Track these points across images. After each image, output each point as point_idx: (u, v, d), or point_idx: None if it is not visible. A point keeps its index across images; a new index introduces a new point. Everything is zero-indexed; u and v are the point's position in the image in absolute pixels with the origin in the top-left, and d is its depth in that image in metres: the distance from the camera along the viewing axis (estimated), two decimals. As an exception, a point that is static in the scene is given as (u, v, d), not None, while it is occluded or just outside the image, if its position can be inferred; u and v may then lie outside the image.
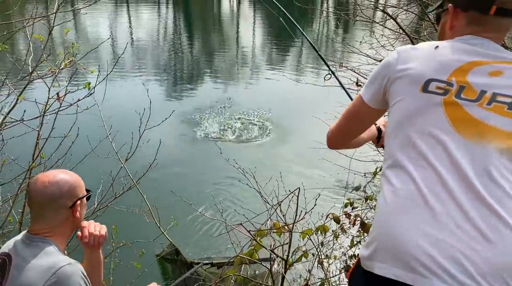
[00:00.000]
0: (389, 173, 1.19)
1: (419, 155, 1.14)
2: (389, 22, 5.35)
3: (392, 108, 1.26)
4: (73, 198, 1.52)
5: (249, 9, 27.56)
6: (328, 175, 5.23)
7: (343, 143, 1.55)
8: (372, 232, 1.17)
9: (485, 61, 1.19)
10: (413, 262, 1.03)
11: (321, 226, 3.03)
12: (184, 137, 8.07)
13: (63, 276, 1.38)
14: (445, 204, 1.06)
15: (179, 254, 4.07)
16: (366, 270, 1.15)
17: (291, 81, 11.38)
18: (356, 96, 1.41)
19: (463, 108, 1.14)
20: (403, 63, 1.25)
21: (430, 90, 1.17)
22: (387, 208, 1.14)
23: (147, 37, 15.99)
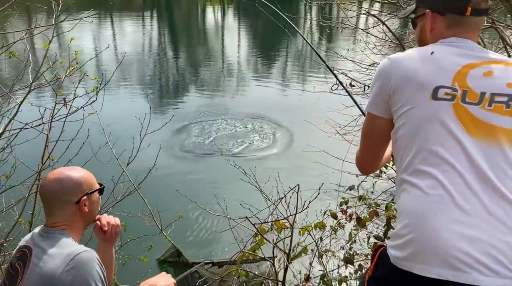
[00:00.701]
0: (412, 179, 1.24)
1: (441, 159, 1.20)
2: (373, 29, 5.56)
3: (402, 115, 1.30)
4: (78, 194, 1.56)
5: (234, 20, 27.84)
6: (322, 177, 5.37)
7: (376, 163, 1.56)
8: (404, 234, 1.21)
9: (476, 63, 1.28)
10: (453, 260, 1.11)
11: (319, 222, 3.16)
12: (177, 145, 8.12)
13: (81, 261, 1.44)
14: (473, 204, 1.15)
15: (181, 255, 4.11)
16: (402, 268, 1.20)
17: (279, 89, 11.56)
18: (366, 116, 1.46)
19: (470, 111, 1.23)
20: (401, 69, 1.31)
21: (440, 97, 1.24)
22: (419, 211, 1.19)
23: (131, 50, 16.03)
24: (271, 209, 2.87)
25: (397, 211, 1.32)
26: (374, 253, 1.37)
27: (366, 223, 3.11)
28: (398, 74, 1.30)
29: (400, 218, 1.27)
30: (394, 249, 1.24)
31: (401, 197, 1.28)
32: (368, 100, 1.41)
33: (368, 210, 3.54)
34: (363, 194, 3.91)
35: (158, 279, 1.82)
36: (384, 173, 4.11)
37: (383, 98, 1.35)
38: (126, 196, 3.61)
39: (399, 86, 1.30)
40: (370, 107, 1.40)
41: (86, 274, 1.43)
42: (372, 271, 1.36)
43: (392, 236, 1.29)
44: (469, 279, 1.10)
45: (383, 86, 1.34)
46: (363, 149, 1.51)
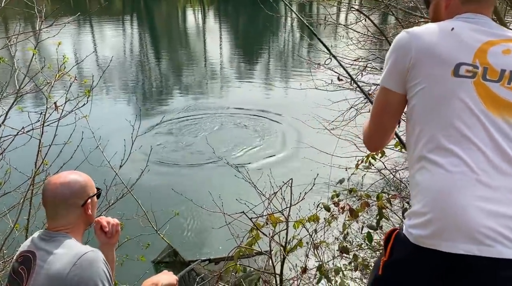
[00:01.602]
0: (433, 157, 1.24)
1: (463, 136, 1.21)
2: (356, 25, 5.65)
3: (420, 91, 1.29)
4: (84, 197, 1.60)
5: (215, 21, 27.80)
6: (313, 172, 5.45)
7: (386, 140, 1.53)
8: (426, 212, 1.22)
9: (496, 40, 1.28)
10: (478, 235, 1.14)
11: (313, 215, 3.22)
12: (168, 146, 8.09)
13: (87, 261, 1.46)
14: (495, 180, 1.18)
15: (177, 254, 4.12)
16: (425, 247, 1.21)
17: (265, 87, 11.61)
18: (379, 90, 1.42)
19: (490, 89, 1.23)
20: (422, 43, 1.28)
21: (461, 74, 1.24)
22: (442, 188, 1.21)
23: (113, 55, 15.84)
24: (266, 204, 2.91)
25: (413, 189, 1.31)
26: (388, 237, 1.36)
27: (359, 213, 3.18)
28: (418, 47, 1.27)
29: (418, 196, 1.27)
30: (415, 228, 1.24)
31: (420, 175, 1.27)
32: (383, 74, 1.37)
33: (359, 202, 3.62)
34: (353, 186, 3.99)
35: (161, 276, 1.86)
36: (373, 166, 4.20)
37: (400, 72, 1.32)
38: (120, 198, 3.61)
39: (419, 60, 1.27)
40: (385, 81, 1.36)
41: (93, 274, 1.45)
42: (388, 256, 1.34)
43: (411, 214, 1.28)
44: (493, 252, 1.14)
45: (401, 59, 1.31)
46: (374, 125, 1.47)
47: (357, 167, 4.10)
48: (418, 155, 1.29)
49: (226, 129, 8.89)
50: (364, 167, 4.08)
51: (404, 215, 1.38)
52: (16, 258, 1.57)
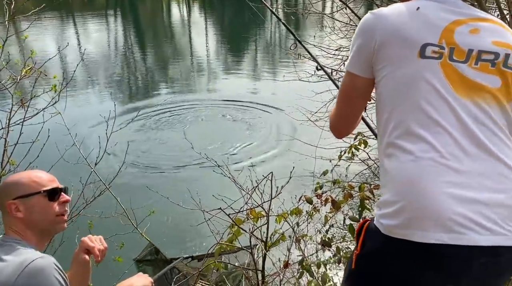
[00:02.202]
0: (402, 142, 1.19)
1: (431, 120, 1.17)
2: (338, 14, 5.59)
3: (389, 73, 1.24)
4: (8, 197, 1.48)
5: (200, 15, 27.55)
6: (295, 164, 5.41)
7: (352, 126, 1.50)
8: (396, 201, 1.18)
9: (463, 19, 1.24)
10: (449, 223, 1.10)
11: (295, 208, 3.16)
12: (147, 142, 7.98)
13: (35, 269, 1.34)
14: (464, 165, 1.14)
15: (159, 252, 4.06)
16: (397, 237, 1.16)
17: (249, 81, 11.53)
18: (344, 75, 1.37)
19: (457, 70, 1.19)
20: (387, 25, 1.24)
21: (427, 55, 1.19)
22: (411, 176, 1.16)
23: (96, 50, 15.62)
24: (246, 199, 2.84)
25: (383, 177, 1.27)
26: (360, 229, 1.31)
27: (341, 205, 3.12)
28: (383, 30, 1.23)
29: (388, 184, 1.23)
30: (385, 218, 1.19)
31: (389, 162, 1.23)
32: (349, 58, 1.32)
33: (343, 193, 3.57)
34: (338, 178, 3.94)
35: (135, 279, 1.76)
36: (357, 156, 4.15)
37: (365, 56, 1.28)
38: (97, 196, 3.52)
39: (384, 43, 1.23)
40: (351, 66, 1.32)
41: (41, 284, 1.33)
42: (360, 248, 1.30)
43: (381, 204, 1.24)
44: (465, 240, 1.10)
45: (366, 43, 1.27)
46: (340, 111, 1.44)
47: (340, 158, 4.05)
48: (386, 141, 1.24)
49: (207, 123, 8.81)
50: (348, 158, 4.03)
51: (374, 205, 1.31)
52: None
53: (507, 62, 1.23)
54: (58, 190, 1.57)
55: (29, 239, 1.48)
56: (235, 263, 3.30)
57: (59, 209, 1.58)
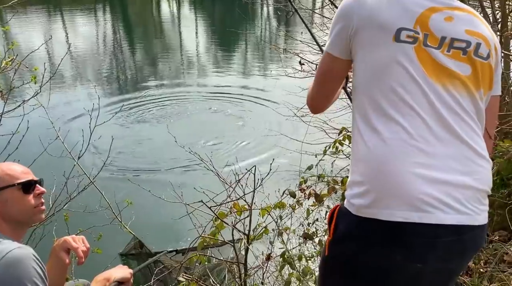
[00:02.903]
0: (374, 122, 1.22)
1: (404, 103, 1.20)
2: (327, 12, 5.62)
3: (364, 57, 1.28)
4: None
5: (190, 11, 27.39)
6: (281, 159, 5.44)
7: (327, 104, 1.55)
8: (365, 181, 1.21)
9: (439, 7, 1.27)
10: (417, 202, 1.13)
11: (279, 202, 3.18)
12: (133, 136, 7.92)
13: (13, 259, 1.33)
14: (434, 147, 1.18)
15: (143, 246, 4.06)
16: (366, 217, 1.19)
17: (237, 77, 11.51)
18: (323, 56, 1.41)
19: (430, 55, 1.22)
20: (364, 10, 1.26)
21: (402, 39, 1.22)
22: (379, 156, 1.19)
23: (84, 44, 15.45)
24: (229, 192, 2.85)
25: (354, 156, 1.29)
26: (331, 215, 1.33)
27: (324, 198, 3.16)
28: (360, 15, 1.26)
29: (359, 164, 1.25)
30: (355, 197, 1.22)
31: (361, 142, 1.25)
32: (328, 40, 1.36)
33: (328, 188, 3.61)
34: (322, 172, 3.98)
35: (114, 271, 1.76)
36: (342, 152, 4.19)
37: (343, 39, 1.31)
38: (81, 191, 3.50)
39: (361, 27, 1.26)
40: (330, 48, 1.35)
41: (20, 274, 1.32)
42: (332, 233, 1.31)
43: (351, 184, 1.26)
44: (433, 218, 1.14)
45: (344, 27, 1.30)
46: (318, 89, 1.48)
47: (325, 152, 4.09)
48: (359, 121, 1.27)
49: (193, 117, 8.77)
50: (332, 153, 4.07)
51: (346, 185, 1.35)
52: None
53: (478, 51, 1.27)
54: (32, 182, 1.56)
55: (4, 230, 1.47)
56: (219, 256, 3.31)
57: (35, 201, 1.58)
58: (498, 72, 1.36)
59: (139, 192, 4.79)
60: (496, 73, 1.34)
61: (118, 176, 5.85)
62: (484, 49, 1.28)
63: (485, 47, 1.28)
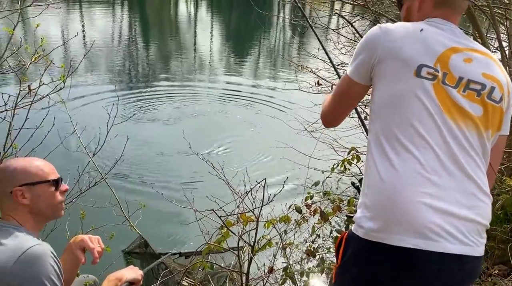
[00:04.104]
0: (390, 151, 1.29)
1: (419, 135, 1.27)
2: (344, 30, 5.70)
3: (384, 87, 1.34)
4: (12, 184, 1.52)
5: (207, 13, 27.61)
6: (289, 172, 5.49)
7: (339, 120, 1.64)
8: (377, 206, 1.28)
9: (459, 48, 1.34)
10: (425, 230, 1.21)
11: (284, 216, 3.25)
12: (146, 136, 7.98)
13: (33, 255, 1.38)
14: (443, 180, 1.26)
15: (148, 246, 4.11)
16: (374, 240, 1.26)
17: (250, 84, 11.55)
18: (343, 77, 1.48)
19: (447, 93, 1.29)
20: (389, 42, 1.33)
21: (422, 75, 1.29)
22: (391, 184, 1.26)
23: (101, 39, 15.61)
24: (238, 202, 2.92)
25: (366, 180, 1.35)
26: (339, 243, 1.41)
27: (329, 217, 3.21)
28: (385, 46, 1.33)
29: (370, 189, 1.32)
30: (365, 220, 1.29)
31: (374, 167, 1.32)
32: (351, 65, 1.43)
33: (332, 206, 3.66)
34: (328, 189, 4.04)
35: (126, 271, 1.82)
36: (349, 170, 4.25)
37: (366, 67, 1.38)
38: (92, 186, 3.57)
39: (385, 58, 1.33)
40: (351, 73, 1.43)
41: (39, 270, 1.38)
42: (340, 259, 1.38)
43: (361, 206, 1.33)
44: (439, 247, 1.22)
45: (368, 56, 1.37)
46: (333, 107, 1.56)
47: (333, 170, 4.15)
48: (375, 147, 1.35)
49: (205, 122, 8.79)
50: (340, 171, 4.13)
51: (356, 206, 1.42)
52: None
53: (491, 94, 1.34)
54: (61, 180, 1.65)
55: (28, 225, 1.54)
56: (221, 263, 3.37)
57: (61, 197, 1.67)
58: (509, 113, 1.44)
59: (148, 192, 4.89)
60: (506, 115, 1.42)
61: (129, 175, 5.92)
62: (497, 93, 1.36)
63: (498, 91, 1.36)
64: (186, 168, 6.47)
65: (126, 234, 4.08)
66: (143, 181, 4.97)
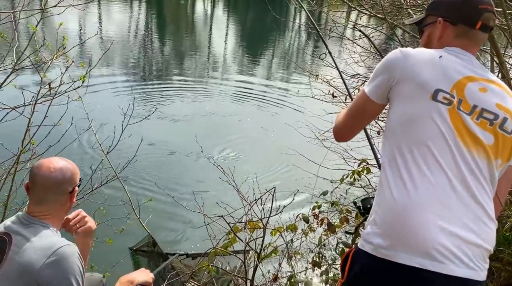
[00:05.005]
0: (403, 171, 1.32)
1: (433, 157, 1.30)
2: (361, 41, 5.69)
3: (401, 107, 1.38)
4: (72, 184, 1.63)
5: (223, 13, 27.70)
6: (298, 181, 5.50)
7: (352, 136, 1.67)
8: (387, 223, 1.32)
9: (475, 77, 1.39)
10: (433, 252, 1.24)
11: (291, 224, 3.27)
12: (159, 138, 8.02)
13: (63, 255, 1.45)
14: (454, 203, 1.29)
15: (156, 245, 4.16)
16: (382, 257, 1.30)
17: (262, 88, 11.56)
18: (361, 95, 1.51)
19: (462, 119, 1.33)
20: (409, 66, 1.38)
21: (438, 99, 1.33)
22: (402, 204, 1.29)
23: (117, 35, 15.75)
24: (246, 209, 2.95)
25: (378, 197, 1.39)
26: (345, 258, 1.44)
27: (336, 229, 3.23)
28: (404, 69, 1.38)
29: (382, 207, 1.35)
30: (374, 236, 1.33)
31: (386, 186, 1.36)
32: (370, 83, 1.47)
33: (339, 216, 3.67)
34: (336, 199, 4.05)
35: (137, 274, 1.89)
36: (357, 181, 4.25)
37: (384, 88, 1.43)
38: (104, 183, 3.62)
39: (403, 80, 1.37)
40: (370, 92, 1.47)
41: (67, 270, 1.45)
42: (346, 275, 1.41)
43: (371, 223, 1.36)
44: (445, 269, 1.25)
45: (387, 77, 1.41)
46: (347, 122, 1.59)
47: (342, 181, 4.16)
48: (389, 166, 1.38)
49: (216, 123, 8.79)
50: (349, 183, 4.14)
51: (365, 222, 1.45)
52: None
53: (504, 125, 1.38)
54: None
55: (57, 223, 1.62)
56: (225, 266, 3.40)
57: None
58: None
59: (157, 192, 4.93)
60: None
61: (139, 175, 5.97)
62: (509, 124, 1.39)
63: (510, 122, 1.39)
64: (197, 170, 6.50)
65: (135, 232, 4.14)
66: (152, 181, 5.01)
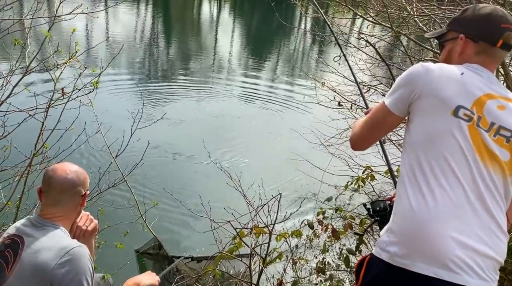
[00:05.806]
0: (423, 183, 1.37)
1: (452, 172, 1.35)
2: (368, 49, 5.73)
3: (422, 122, 1.42)
4: (85, 187, 1.69)
5: (229, 15, 27.79)
6: (303, 186, 5.55)
7: (368, 146, 1.69)
8: (405, 233, 1.36)
9: (494, 95, 1.42)
10: (449, 263, 1.29)
11: (296, 230, 3.31)
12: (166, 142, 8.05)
13: (76, 255, 1.50)
14: (469, 217, 1.34)
15: (161, 248, 4.21)
16: (398, 266, 1.34)
17: (267, 92, 11.59)
18: (380, 106, 1.54)
19: (480, 136, 1.37)
20: (431, 81, 1.41)
21: (459, 115, 1.37)
22: (420, 217, 1.34)
23: (124, 37, 15.84)
24: (252, 215, 2.99)
25: (398, 206, 1.43)
26: (360, 264, 1.49)
27: (341, 235, 3.27)
28: (426, 84, 1.40)
29: (400, 217, 1.40)
30: (390, 245, 1.38)
31: (404, 198, 1.40)
32: (391, 96, 1.50)
33: (344, 222, 3.71)
34: (340, 205, 4.08)
35: (143, 277, 1.93)
36: (362, 187, 4.29)
37: (405, 101, 1.45)
38: (112, 186, 3.67)
39: (425, 95, 1.40)
40: (390, 104, 1.49)
41: (79, 270, 1.49)
42: (361, 281, 1.46)
43: (388, 231, 1.41)
44: (459, 279, 1.29)
45: (408, 91, 1.44)
46: (366, 131, 1.62)
47: (346, 187, 4.20)
48: (408, 178, 1.42)
49: (222, 126, 8.82)
50: (353, 189, 4.17)
51: (383, 229, 1.49)
52: (3, 239, 1.59)
53: None
54: None
55: (66, 224, 1.66)
56: (230, 270, 3.45)
57: None
58: None
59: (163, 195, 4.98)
60: None
61: (145, 178, 6.02)
62: None
63: None
64: (202, 174, 6.55)
65: (141, 235, 4.18)
66: (158, 183, 5.06)
